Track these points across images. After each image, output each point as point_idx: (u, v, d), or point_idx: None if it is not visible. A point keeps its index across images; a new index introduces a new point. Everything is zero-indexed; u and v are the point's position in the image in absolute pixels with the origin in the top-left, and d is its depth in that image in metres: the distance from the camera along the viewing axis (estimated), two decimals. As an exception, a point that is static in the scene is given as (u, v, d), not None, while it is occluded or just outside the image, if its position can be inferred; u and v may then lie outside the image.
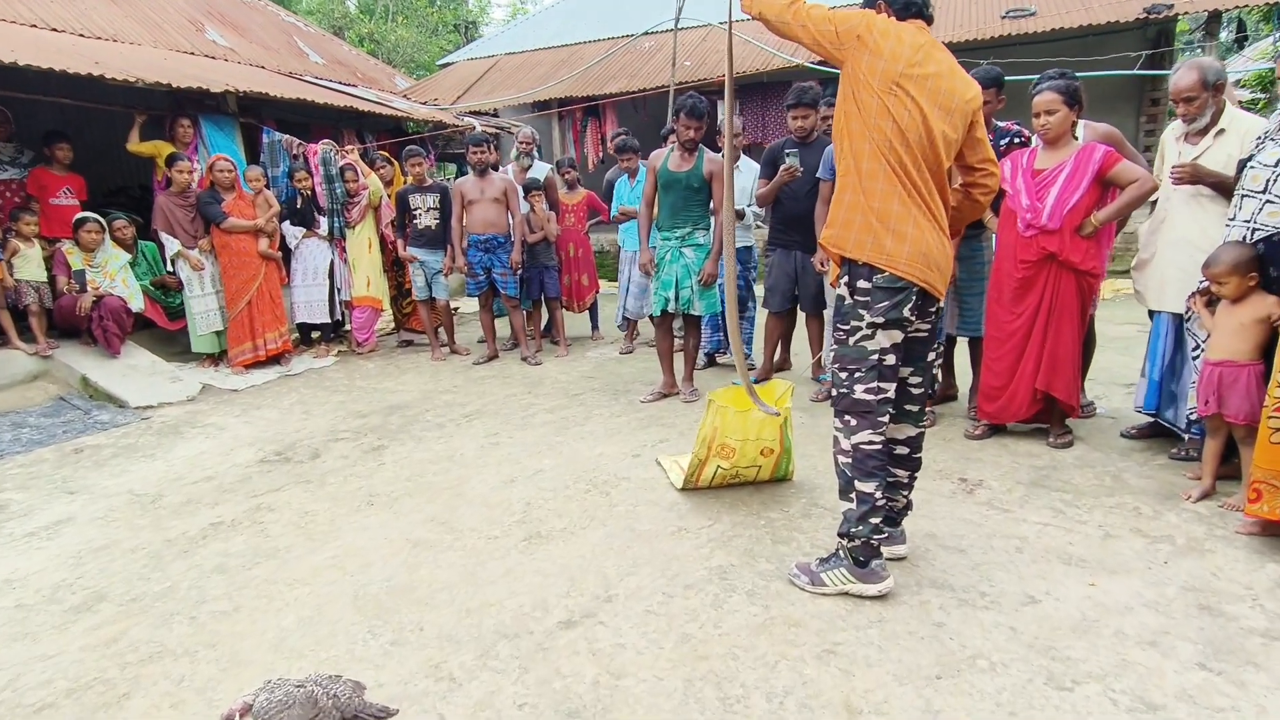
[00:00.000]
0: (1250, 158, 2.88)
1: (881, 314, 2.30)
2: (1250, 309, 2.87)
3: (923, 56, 2.25)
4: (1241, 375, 2.87)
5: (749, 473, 3.27)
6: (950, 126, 2.29)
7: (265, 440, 4.33)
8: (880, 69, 2.22)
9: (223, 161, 5.73)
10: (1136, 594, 2.37)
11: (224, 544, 2.99)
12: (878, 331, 2.31)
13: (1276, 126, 2.84)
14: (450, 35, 24.29)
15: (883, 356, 2.33)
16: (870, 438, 2.35)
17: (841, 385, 2.40)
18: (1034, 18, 9.80)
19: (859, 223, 2.31)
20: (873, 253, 2.28)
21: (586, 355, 6.16)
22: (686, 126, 4.35)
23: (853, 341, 2.36)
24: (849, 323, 2.36)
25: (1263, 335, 2.84)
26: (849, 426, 2.38)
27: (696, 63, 11.00)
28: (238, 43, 9.67)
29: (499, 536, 2.94)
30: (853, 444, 2.36)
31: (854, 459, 2.37)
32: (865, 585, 2.37)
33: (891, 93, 2.22)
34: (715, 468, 3.19)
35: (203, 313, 5.76)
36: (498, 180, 5.85)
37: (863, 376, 2.34)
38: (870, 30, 2.24)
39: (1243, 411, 2.86)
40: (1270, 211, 2.78)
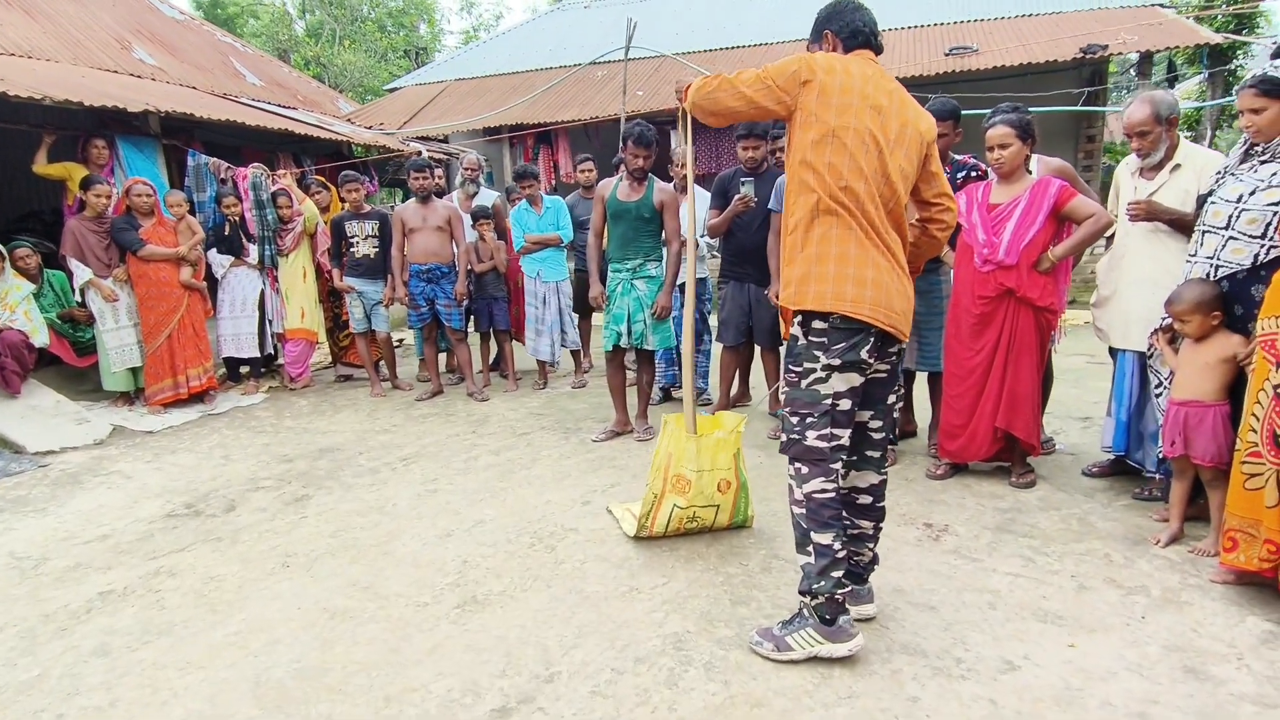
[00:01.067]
0: (1211, 193, 2.82)
1: (838, 355, 2.16)
2: (1215, 348, 2.79)
3: (873, 89, 2.16)
4: (1207, 416, 2.77)
5: (707, 514, 3.05)
6: (906, 160, 2.21)
7: (175, 490, 3.94)
8: (833, 105, 2.12)
9: (140, 185, 5.34)
10: (1118, 655, 2.20)
11: (110, 618, 2.63)
12: (833, 374, 2.17)
13: (1237, 161, 2.79)
14: (400, 61, 23.99)
15: (837, 401, 2.18)
16: (823, 486, 2.19)
17: (793, 430, 2.24)
18: (976, 55, 10.04)
19: (815, 273, 2.17)
20: (833, 302, 2.14)
21: (536, 390, 5.89)
22: (635, 155, 4.19)
23: (805, 384, 2.21)
24: (802, 364, 2.21)
25: (1228, 375, 2.76)
26: (800, 475, 2.22)
27: (649, 92, 10.95)
28: (168, 62, 9.24)
29: (429, 604, 2.64)
30: (805, 493, 2.20)
31: (808, 509, 2.20)
32: (835, 645, 2.17)
33: (845, 130, 2.12)
34: (671, 508, 2.97)
35: (117, 347, 5.32)
36: (441, 207, 5.60)
37: (815, 422, 2.19)
38: (814, 71, 2.15)
39: (1209, 453, 2.76)
40: (1234, 248, 2.71)
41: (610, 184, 4.39)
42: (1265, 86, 2.56)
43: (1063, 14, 11.17)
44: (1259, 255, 2.67)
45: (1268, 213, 2.62)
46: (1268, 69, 2.61)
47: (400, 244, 5.56)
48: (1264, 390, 2.31)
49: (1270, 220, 2.62)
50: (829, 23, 2.36)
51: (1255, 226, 2.65)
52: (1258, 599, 2.47)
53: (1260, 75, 2.59)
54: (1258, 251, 2.67)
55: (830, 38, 2.33)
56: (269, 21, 23.24)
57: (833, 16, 2.35)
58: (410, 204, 5.65)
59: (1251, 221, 2.66)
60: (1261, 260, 2.66)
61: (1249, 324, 2.70)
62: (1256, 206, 2.64)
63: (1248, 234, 2.67)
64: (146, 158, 6.16)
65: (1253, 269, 2.69)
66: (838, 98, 2.12)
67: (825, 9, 2.39)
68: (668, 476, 2.94)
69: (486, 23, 30.49)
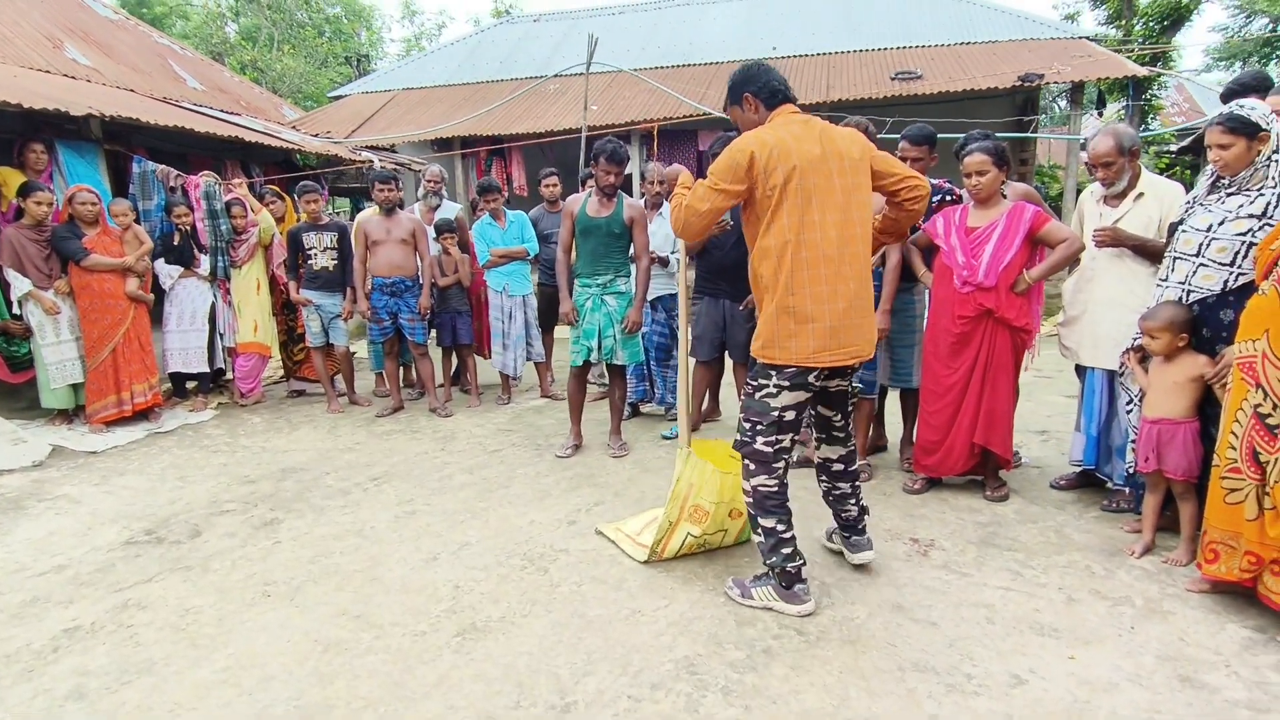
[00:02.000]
0: (1181, 221, 2.98)
1: (788, 379, 2.52)
2: (1182, 368, 2.94)
3: (806, 144, 2.45)
4: (1178, 432, 2.92)
5: (715, 539, 3.06)
6: (854, 184, 2.51)
7: (132, 515, 3.71)
8: (780, 173, 2.41)
9: (85, 193, 5.05)
10: (1116, 666, 2.29)
11: (82, 657, 2.45)
12: (783, 392, 2.54)
13: (1205, 191, 2.95)
14: (341, 68, 23.41)
15: (783, 413, 2.55)
16: (766, 482, 2.60)
17: (745, 434, 2.62)
18: (920, 81, 10.42)
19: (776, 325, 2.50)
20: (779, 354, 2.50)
21: (500, 405, 5.79)
22: (607, 172, 4.19)
23: (758, 396, 2.58)
24: (758, 379, 2.59)
25: (1196, 393, 2.91)
26: (749, 470, 2.62)
27: (604, 106, 10.98)
28: (102, 63, 8.79)
29: (427, 632, 2.55)
30: (751, 486, 2.61)
31: (754, 499, 2.62)
32: (787, 605, 2.60)
33: (795, 189, 2.41)
34: (685, 535, 2.97)
35: (57, 362, 4.99)
36: (405, 220, 5.48)
37: (764, 430, 2.57)
38: (748, 154, 2.43)
39: (1180, 468, 2.91)
40: (1204, 274, 2.87)
41: (579, 199, 4.38)
42: (1232, 124, 2.73)
43: (998, 43, 11.71)
44: (1228, 281, 2.83)
45: (1236, 242, 2.78)
46: (1234, 108, 2.78)
47: (363, 256, 5.42)
48: (1242, 410, 2.44)
49: (1239, 249, 2.78)
50: (746, 86, 2.62)
51: (1225, 254, 2.81)
52: (1233, 606, 2.60)
53: (1228, 114, 2.76)
54: (1226, 278, 2.83)
55: (751, 100, 2.61)
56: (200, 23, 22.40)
57: (748, 80, 2.62)
58: (373, 216, 5.51)
59: (1221, 250, 2.82)
60: (1230, 286, 2.82)
61: (1216, 346, 2.86)
62: (1226, 236, 2.80)
63: (1217, 261, 2.83)
64: (88, 164, 5.83)
65: (1222, 294, 2.85)
66: (780, 164, 2.41)
67: (738, 75, 2.66)
68: (685, 506, 2.94)
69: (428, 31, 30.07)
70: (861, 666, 2.31)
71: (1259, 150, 2.71)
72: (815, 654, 2.38)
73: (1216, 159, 2.78)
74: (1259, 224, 2.70)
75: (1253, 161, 2.73)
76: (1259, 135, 2.69)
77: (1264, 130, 2.69)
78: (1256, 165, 2.73)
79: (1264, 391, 2.37)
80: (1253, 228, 2.72)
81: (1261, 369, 2.38)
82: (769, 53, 12.68)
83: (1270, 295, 2.37)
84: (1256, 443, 2.39)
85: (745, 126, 2.67)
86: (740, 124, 2.71)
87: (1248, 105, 2.74)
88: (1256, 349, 2.40)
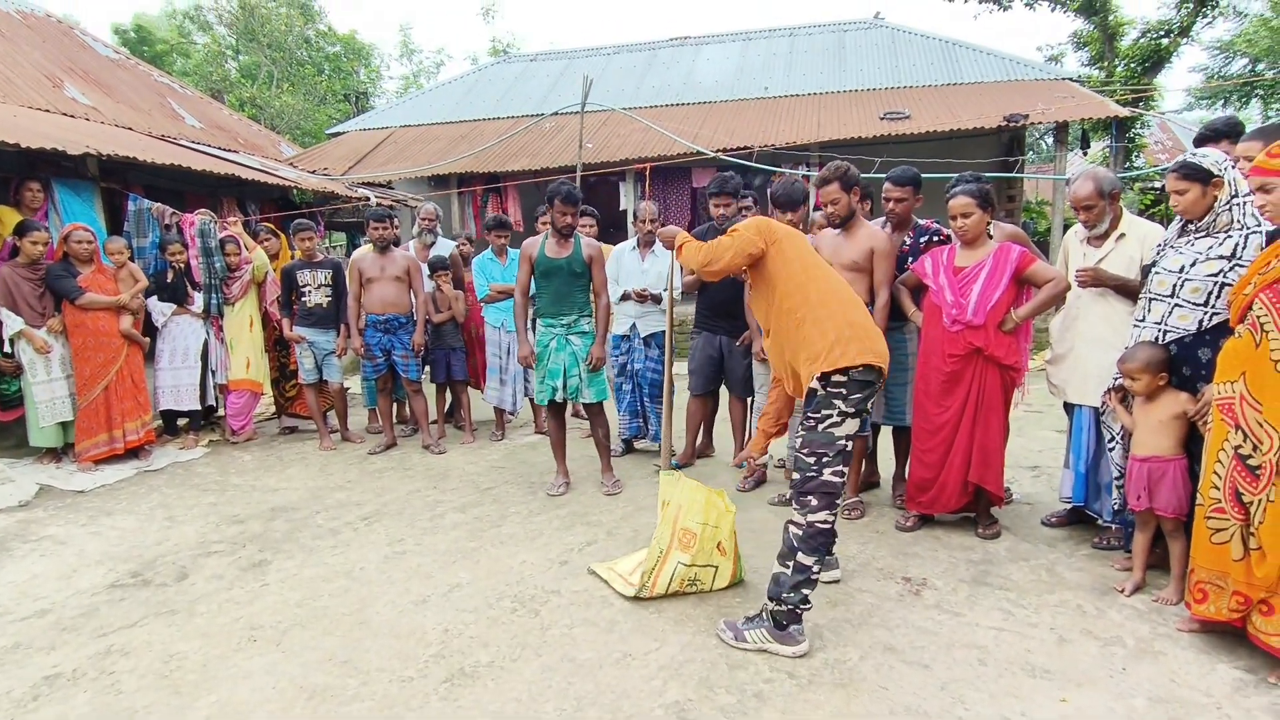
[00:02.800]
0: (1154, 263, 3.05)
1: (854, 405, 2.58)
2: (1165, 407, 2.97)
3: None
4: (1168, 470, 2.94)
5: (705, 576, 3.06)
6: None
7: (118, 557, 3.68)
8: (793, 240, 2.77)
9: (81, 231, 5.08)
10: (1108, 709, 2.28)
11: (62, 706, 2.40)
12: (846, 419, 2.58)
13: (1175, 234, 3.02)
14: (339, 105, 23.73)
15: (847, 442, 2.60)
16: (827, 517, 2.60)
17: (810, 469, 2.60)
18: (908, 121, 10.63)
19: (831, 337, 2.58)
20: (859, 354, 2.57)
21: (493, 441, 5.78)
22: (563, 213, 4.26)
23: (822, 428, 2.59)
24: (820, 411, 2.60)
25: (1182, 431, 2.94)
26: (809, 506, 2.60)
27: (599, 145, 11.14)
28: (101, 101, 8.91)
29: (415, 678, 2.52)
30: (809, 521, 2.59)
31: (806, 534, 2.59)
32: (782, 646, 2.60)
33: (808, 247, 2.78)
34: (675, 565, 2.97)
35: (48, 401, 4.98)
36: (399, 257, 5.52)
37: (830, 460, 2.58)
38: (771, 229, 2.77)
39: (1171, 505, 2.92)
40: (1179, 315, 2.92)
41: (536, 242, 4.44)
42: (1185, 171, 2.85)
43: (984, 84, 11.99)
44: (1203, 321, 2.88)
45: (1209, 282, 2.84)
46: (1187, 156, 2.89)
47: (356, 293, 5.46)
48: (1224, 450, 2.47)
49: (1211, 289, 2.84)
50: None
51: (1198, 295, 2.87)
52: (1223, 646, 2.59)
53: (1181, 161, 2.88)
54: (1201, 318, 2.88)
55: None
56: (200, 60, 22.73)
57: None
58: (367, 253, 5.55)
59: (1195, 290, 2.88)
60: (1205, 326, 2.88)
61: (1197, 384, 2.90)
62: (1198, 277, 2.87)
63: (1192, 301, 2.89)
64: (84, 202, 5.87)
65: (1198, 334, 2.90)
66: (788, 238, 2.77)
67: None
68: (675, 530, 2.96)
69: (427, 69, 30.59)
70: (853, 711, 2.29)
71: (1215, 195, 2.81)
72: (807, 698, 2.36)
73: (1175, 204, 2.89)
74: (1229, 264, 2.78)
75: (1212, 207, 2.82)
76: (1212, 181, 2.80)
77: (1216, 176, 2.80)
78: (1217, 210, 2.82)
79: (1243, 433, 2.40)
80: (1223, 268, 2.80)
81: (1240, 410, 2.41)
82: (761, 93, 12.95)
83: (1245, 338, 2.41)
84: (1239, 483, 2.41)
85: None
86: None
87: (1201, 153, 2.87)
88: (1234, 390, 2.43)
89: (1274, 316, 2.31)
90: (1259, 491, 2.35)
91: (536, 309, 4.55)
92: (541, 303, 4.47)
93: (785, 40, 14.93)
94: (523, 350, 4.45)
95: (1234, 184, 2.80)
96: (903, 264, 3.87)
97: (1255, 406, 2.36)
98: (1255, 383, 2.36)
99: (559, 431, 4.58)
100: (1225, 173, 2.80)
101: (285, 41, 22.55)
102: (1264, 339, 2.34)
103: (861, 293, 3.81)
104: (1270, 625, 2.36)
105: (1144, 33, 14.57)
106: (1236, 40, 21.05)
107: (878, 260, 3.74)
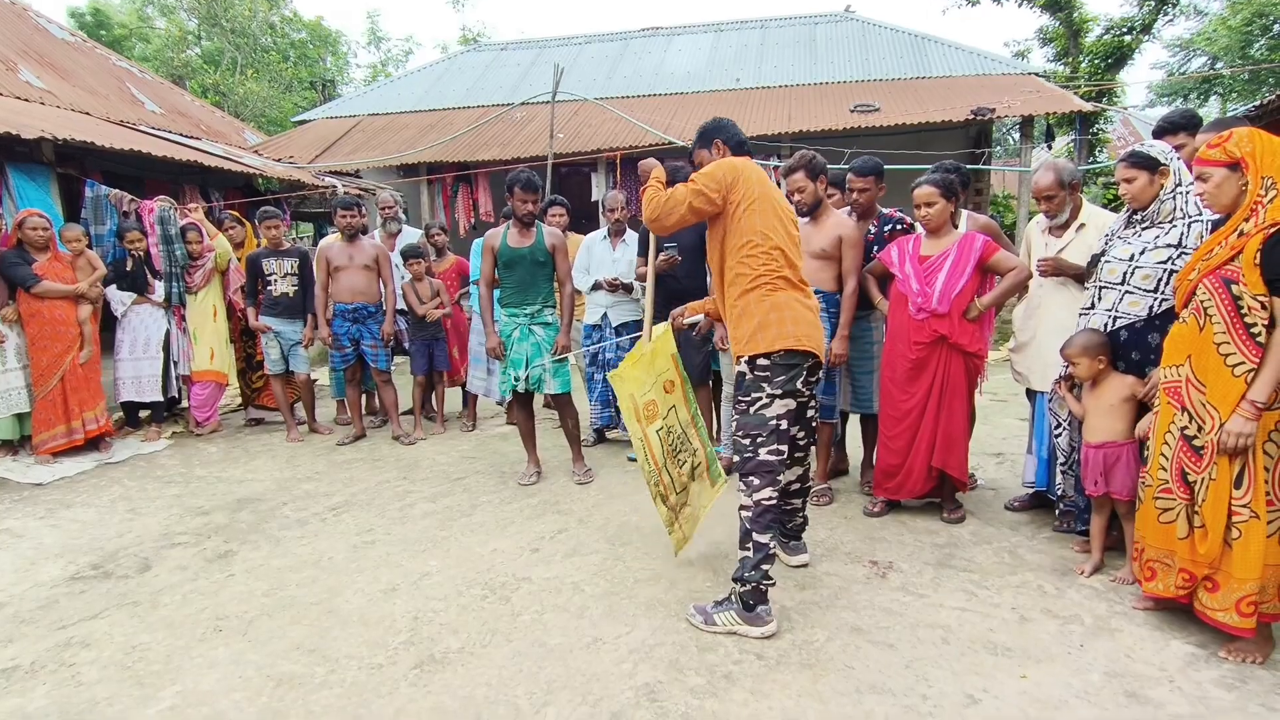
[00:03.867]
0: (1103, 253, 3.13)
1: (780, 387, 2.71)
2: (1114, 391, 3.06)
3: (760, 177, 2.77)
4: (1122, 454, 3.03)
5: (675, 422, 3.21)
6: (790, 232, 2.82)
7: (78, 549, 3.60)
8: (754, 195, 2.72)
9: (35, 218, 4.94)
10: (1066, 684, 2.34)
11: (20, 699, 2.35)
12: (775, 400, 2.70)
13: (1122, 225, 3.11)
14: (306, 92, 23.30)
15: (779, 422, 2.70)
16: (771, 494, 2.70)
17: (746, 450, 2.72)
18: (878, 113, 10.72)
19: (757, 321, 2.71)
20: (777, 340, 2.69)
21: (464, 432, 5.74)
22: (523, 200, 4.25)
23: (754, 410, 2.72)
24: (750, 394, 2.74)
25: (1132, 414, 3.03)
26: (752, 486, 2.71)
27: (570, 135, 11.08)
28: (57, 85, 8.65)
29: (384, 665, 2.51)
30: (754, 500, 2.70)
31: (754, 514, 2.70)
32: (751, 627, 2.65)
33: (768, 211, 2.73)
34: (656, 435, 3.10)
35: (3, 392, 4.83)
36: (368, 246, 5.45)
37: (764, 440, 2.69)
38: (736, 174, 2.72)
39: (1126, 488, 3.01)
40: (1130, 301, 3.01)
41: (498, 233, 4.41)
42: (1134, 160, 2.94)
43: (953, 78, 12.13)
44: (1153, 307, 2.97)
45: (1158, 269, 2.93)
46: (1136, 147, 2.99)
47: (324, 282, 5.37)
48: (1170, 432, 2.54)
49: (1160, 276, 2.93)
50: (718, 133, 2.96)
51: (1149, 282, 2.96)
52: (1177, 623, 2.68)
53: (1130, 151, 2.99)
54: (1151, 303, 2.97)
55: (721, 146, 2.94)
56: (161, 46, 22.14)
57: (719, 129, 2.97)
58: (335, 243, 5.47)
59: (1145, 278, 2.96)
60: (1155, 311, 2.97)
61: (1145, 368, 3.00)
62: (1148, 264, 2.95)
63: (1142, 288, 2.98)
64: (39, 187, 5.71)
65: (1148, 319, 2.99)
66: (757, 189, 2.73)
67: (710, 125, 3.00)
68: (638, 410, 3.09)
69: (395, 58, 30.15)
70: (820, 690, 2.33)
71: (1161, 184, 2.90)
72: (775, 678, 2.40)
73: (1124, 192, 2.99)
74: (1176, 252, 2.88)
75: (1157, 195, 2.91)
76: (1159, 170, 2.90)
77: (1163, 165, 2.90)
78: (1162, 199, 2.91)
79: (1189, 414, 2.48)
80: (1171, 255, 2.90)
81: (1185, 393, 2.48)
82: (732, 84, 12.97)
83: (1190, 323, 2.49)
84: (1184, 464, 2.49)
85: None
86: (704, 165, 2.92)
87: (1149, 144, 2.98)
88: (1180, 374, 2.51)
89: (1217, 301, 2.38)
90: (1202, 470, 2.43)
91: (499, 299, 4.53)
92: (505, 292, 4.44)
93: (757, 32, 14.96)
94: (490, 342, 4.41)
95: (1178, 174, 2.90)
96: (868, 252, 3.92)
97: (1199, 388, 2.44)
98: (1200, 365, 2.44)
99: (527, 422, 4.57)
100: (1171, 162, 2.91)
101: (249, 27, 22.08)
102: (1207, 323, 2.41)
103: (829, 281, 3.85)
104: (1215, 601, 2.44)
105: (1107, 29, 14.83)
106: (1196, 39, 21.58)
107: (846, 248, 3.78)
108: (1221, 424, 2.35)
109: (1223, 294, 2.37)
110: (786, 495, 3.09)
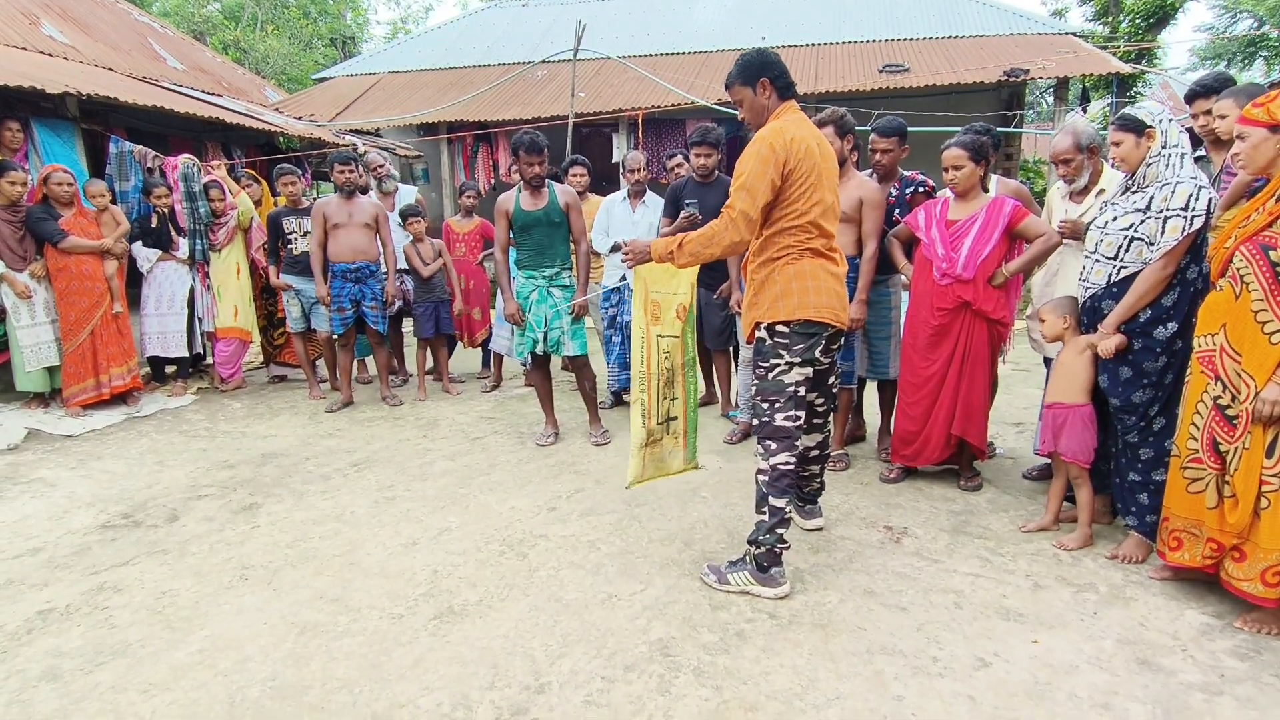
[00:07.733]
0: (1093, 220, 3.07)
1: (798, 355, 2.67)
2: (1070, 349, 3.08)
3: (814, 141, 2.60)
4: (1069, 415, 3.03)
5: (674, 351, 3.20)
6: (834, 194, 2.71)
7: (109, 499, 3.70)
8: (801, 175, 2.56)
9: (60, 173, 4.98)
10: (1078, 649, 2.35)
11: (56, 639, 2.45)
12: (794, 368, 2.68)
13: (1118, 193, 3.01)
14: (326, 49, 23.12)
15: (797, 389, 2.68)
16: (787, 459, 2.68)
17: (764, 415, 2.71)
18: (907, 74, 10.45)
19: (779, 288, 2.66)
20: (798, 309, 2.64)
21: (483, 393, 5.79)
22: (529, 163, 4.20)
23: (772, 376, 2.70)
24: (769, 360, 2.71)
25: (1086, 376, 3.01)
26: (769, 450, 2.69)
27: (592, 94, 10.93)
28: (80, 40, 8.65)
29: (404, 615, 2.57)
30: (771, 464, 2.68)
31: (770, 478, 2.68)
32: (764, 588, 2.68)
33: (820, 186, 2.61)
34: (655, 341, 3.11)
35: (32, 345, 4.94)
36: (366, 204, 5.27)
37: (782, 405, 2.67)
38: (779, 159, 2.51)
39: (1072, 450, 3.01)
40: (1095, 270, 2.97)
41: (510, 197, 4.35)
42: (1121, 122, 2.86)
43: (985, 38, 11.76)
44: (1111, 275, 2.91)
45: (1120, 236, 2.86)
46: (1127, 109, 2.90)
47: (321, 240, 5.13)
48: (1203, 402, 2.50)
49: (1121, 243, 2.86)
50: (765, 70, 2.62)
51: (1110, 249, 2.90)
52: (1193, 593, 2.67)
53: (1120, 113, 2.89)
54: (1110, 272, 2.91)
55: (769, 86, 2.62)
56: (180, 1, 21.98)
57: (768, 65, 2.63)
58: (333, 199, 5.24)
59: (1109, 245, 2.90)
60: (1113, 280, 2.91)
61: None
62: (1114, 231, 2.89)
63: (1106, 256, 2.92)
64: (64, 143, 5.75)
65: (1106, 287, 2.94)
66: (804, 167, 2.55)
67: (757, 57, 2.64)
68: (647, 303, 3.08)
69: (415, 14, 29.77)
70: (831, 649, 2.36)
71: (1148, 147, 2.82)
72: (787, 637, 2.43)
73: (1113, 155, 2.92)
74: (1141, 217, 2.80)
75: (1144, 158, 2.83)
76: (1145, 132, 2.81)
77: (1149, 127, 2.80)
78: (1149, 162, 2.83)
79: (1223, 384, 2.43)
80: (1134, 221, 2.81)
81: (1220, 362, 2.44)
82: (758, 42, 12.66)
83: (1225, 291, 2.43)
84: (1216, 433, 2.45)
85: (751, 109, 2.67)
86: (746, 105, 2.68)
87: (1139, 106, 2.89)
88: (1214, 343, 2.46)
89: (1254, 269, 2.32)
90: (1236, 440, 2.39)
91: (517, 261, 4.50)
92: (522, 255, 4.42)
93: (785, -12, 14.55)
94: (509, 308, 4.40)
95: (1165, 135, 2.80)
96: (889, 216, 3.85)
97: (1235, 357, 2.39)
98: (1235, 334, 2.39)
99: (545, 383, 4.58)
100: (1159, 124, 2.81)
101: (269, -18, 21.83)
102: (1244, 291, 2.35)
103: (849, 245, 3.80)
104: (1241, 570, 2.42)
105: (1150, -13, 14.30)
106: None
107: (867, 210, 3.72)
108: (1257, 393, 2.31)
109: (1261, 261, 2.30)
110: (805, 461, 3.07)
